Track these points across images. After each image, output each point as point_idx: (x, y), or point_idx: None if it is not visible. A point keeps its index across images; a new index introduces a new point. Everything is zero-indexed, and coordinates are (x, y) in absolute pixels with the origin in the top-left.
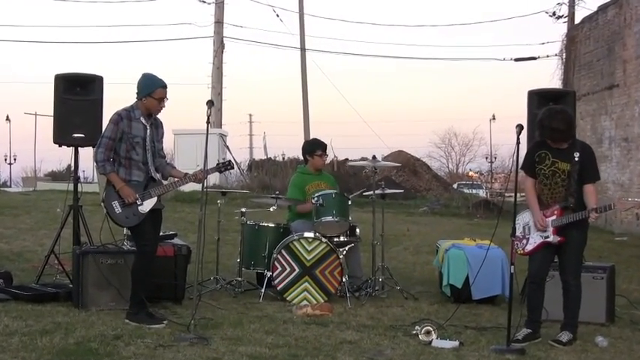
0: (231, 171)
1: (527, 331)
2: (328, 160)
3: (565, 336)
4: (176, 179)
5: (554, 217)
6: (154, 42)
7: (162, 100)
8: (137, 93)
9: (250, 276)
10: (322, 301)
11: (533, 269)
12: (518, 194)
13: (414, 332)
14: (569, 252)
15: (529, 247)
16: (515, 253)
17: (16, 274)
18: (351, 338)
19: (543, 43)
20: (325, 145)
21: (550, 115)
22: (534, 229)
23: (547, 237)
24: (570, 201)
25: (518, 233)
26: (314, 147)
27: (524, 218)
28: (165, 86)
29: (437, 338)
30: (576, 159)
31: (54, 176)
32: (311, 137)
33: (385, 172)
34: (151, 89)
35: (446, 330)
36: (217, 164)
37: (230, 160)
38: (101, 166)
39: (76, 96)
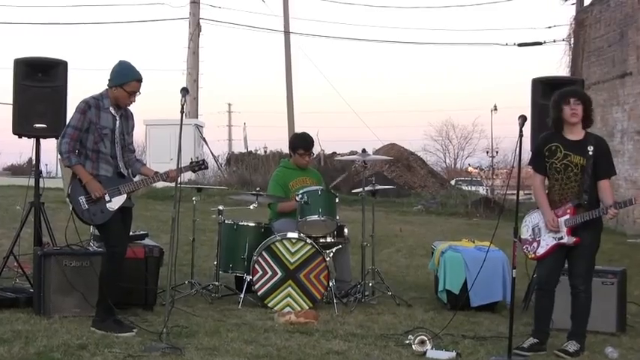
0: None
1: (534, 341)
2: (314, 154)
3: (572, 346)
4: (146, 177)
5: (567, 217)
6: (123, 23)
7: (133, 93)
8: (109, 80)
9: (228, 280)
10: (307, 307)
11: (544, 275)
12: (521, 192)
13: (407, 342)
14: (580, 255)
15: (541, 251)
16: (526, 257)
17: None
18: (338, 348)
19: (550, 27)
20: (310, 145)
21: (567, 89)
22: (545, 231)
23: (561, 238)
24: (584, 198)
25: (527, 236)
26: (297, 144)
27: (532, 219)
28: (140, 80)
29: (432, 348)
30: (590, 153)
31: (13, 170)
32: (295, 129)
33: (376, 166)
34: (125, 80)
35: (442, 339)
36: (191, 163)
37: (204, 160)
38: (66, 158)
39: (38, 82)
